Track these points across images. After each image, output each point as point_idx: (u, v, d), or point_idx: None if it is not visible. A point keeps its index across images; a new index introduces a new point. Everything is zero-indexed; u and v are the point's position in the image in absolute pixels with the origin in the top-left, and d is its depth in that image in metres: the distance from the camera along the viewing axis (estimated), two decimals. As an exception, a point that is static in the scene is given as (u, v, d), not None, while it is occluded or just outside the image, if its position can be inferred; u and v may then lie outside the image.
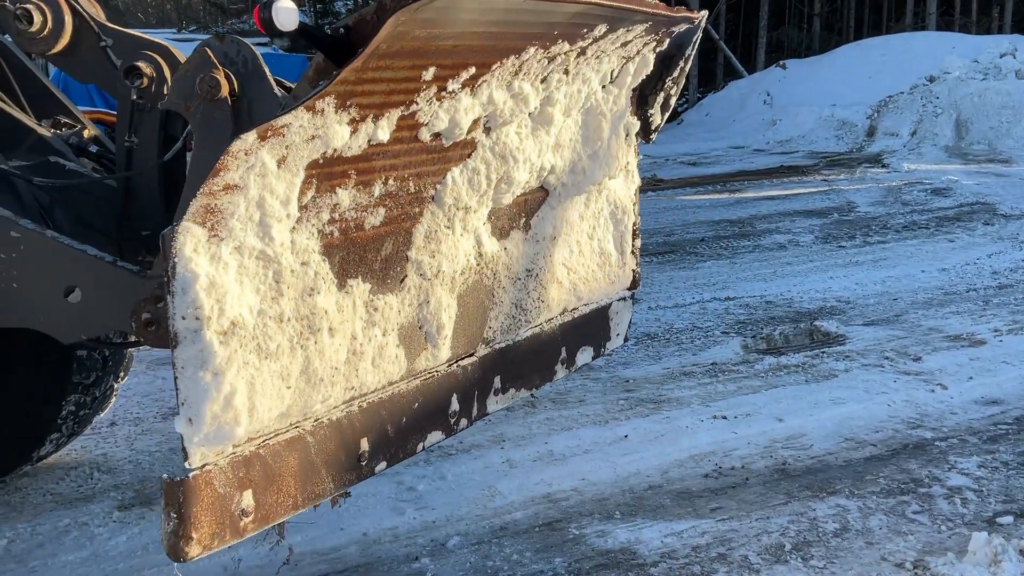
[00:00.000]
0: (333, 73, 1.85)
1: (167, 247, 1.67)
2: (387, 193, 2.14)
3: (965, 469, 3.47)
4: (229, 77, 2.23)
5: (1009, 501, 3.22)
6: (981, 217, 8.31)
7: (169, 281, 1.69)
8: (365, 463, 2.18)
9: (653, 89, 2.92)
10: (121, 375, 3.59)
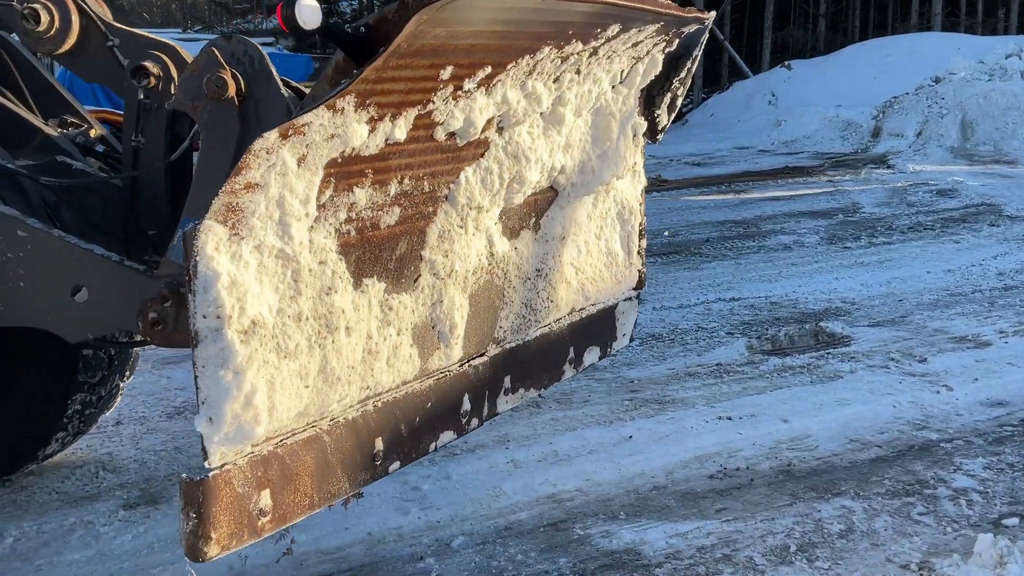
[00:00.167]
0: (354, 72, 1.84)
1: (189, 245, 1.66)
2: (402, 192, 2.14)
3: (970, 471, 3.46)
4: (236, 77, 2.24)
5: (1014, 503, 3.22)
6: (986, 218, 8.30)
7: (190, 280, 1.68)
8: (379, 463, 2.18)
9: (660, 89, 2.92)
10: (127, 374, 3.59)
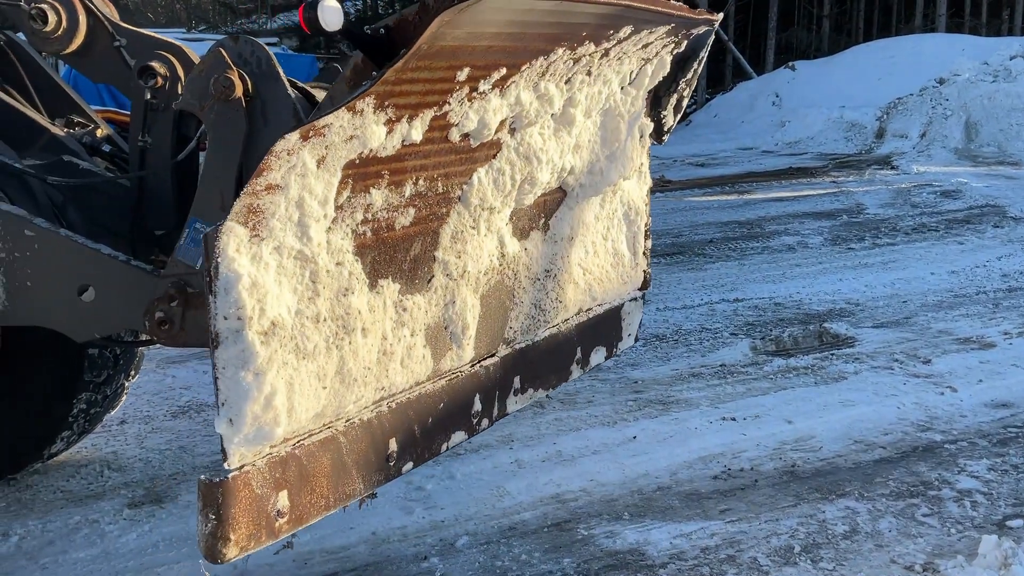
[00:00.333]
0: (374, 73, 1.85)
1: (210, 247, 1.66)
2: (417, 193, 2.14)
3: (975, 472, 3.46)
4: (243, 77, 2.24)
5: (1019, 504, 3.21)
6: (991, 220, 8.29)
7: (211, 281, 1.68)
8: (393, 463, 2.19)
9: (667, 91, 2.93)
10: (132, 373, 3.60)
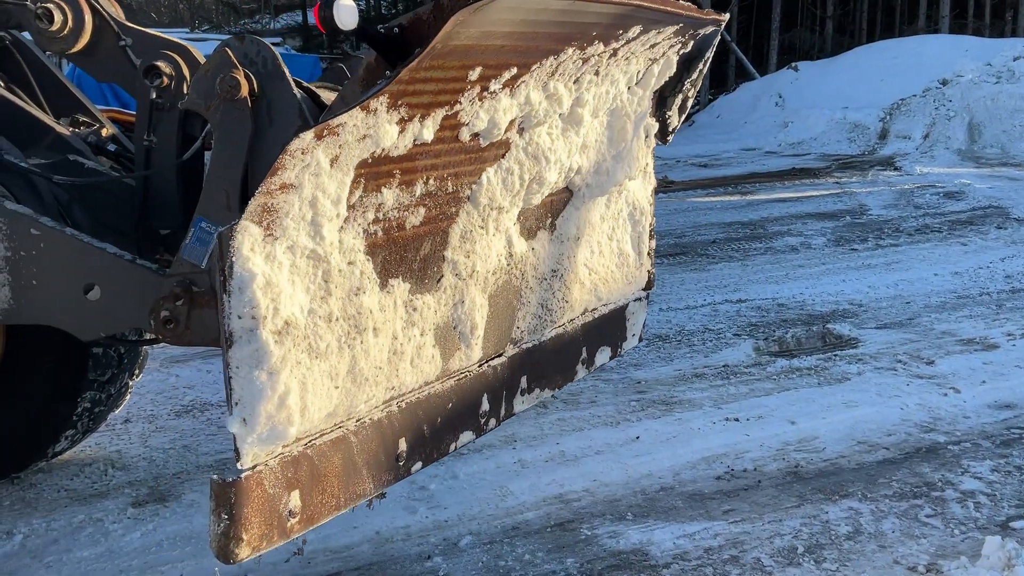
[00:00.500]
0: (387, 73, 1.85)
1: (224, 245, 1.66)
2: (427, 193, 2.14)
3: (978, 473, 3.46)
4: (249, 77, 2.24)
5: (1022, 505, 3.21)
6: (994, 221, 8.28)
7: (225, 280, 1.68)
8: (403, 463, 2.19)
9: (672, 91, 2.93)
10: (136, 372, 3.61)
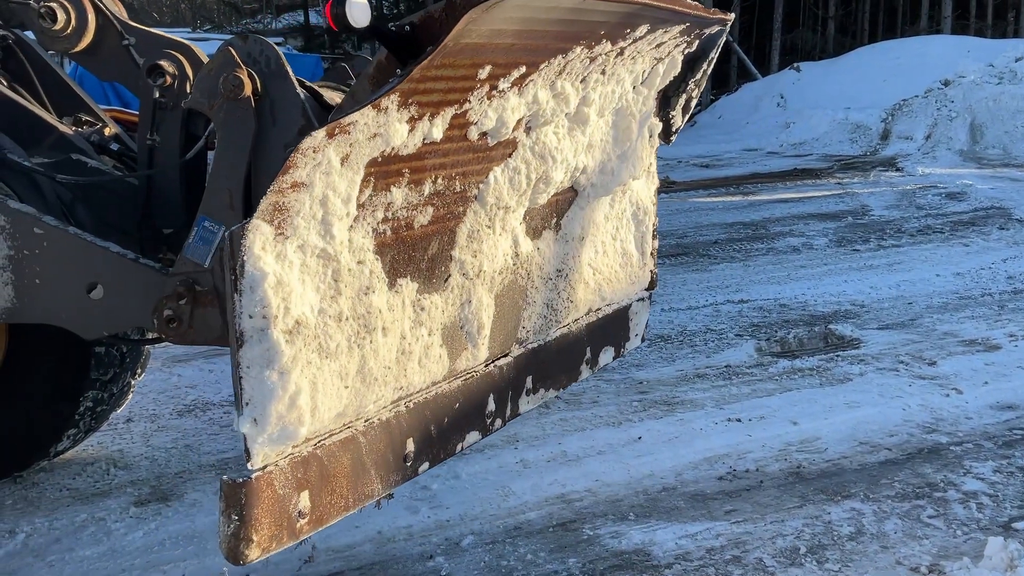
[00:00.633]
0: (398, 71, 1.85)
1: (235, 244, 1.65)
2: (435, 192, 2.14)
3: (980, 474, 3.46)
4: (252, 76, 2.25)
5: (1025, 507, 3.21)
6: (996, 222, 8.28)
7: (236, 279, 1.67)
8: (410, 463, 2.18)
9: (676, 91, 2.93)
10: (138, 372, 3.61)
